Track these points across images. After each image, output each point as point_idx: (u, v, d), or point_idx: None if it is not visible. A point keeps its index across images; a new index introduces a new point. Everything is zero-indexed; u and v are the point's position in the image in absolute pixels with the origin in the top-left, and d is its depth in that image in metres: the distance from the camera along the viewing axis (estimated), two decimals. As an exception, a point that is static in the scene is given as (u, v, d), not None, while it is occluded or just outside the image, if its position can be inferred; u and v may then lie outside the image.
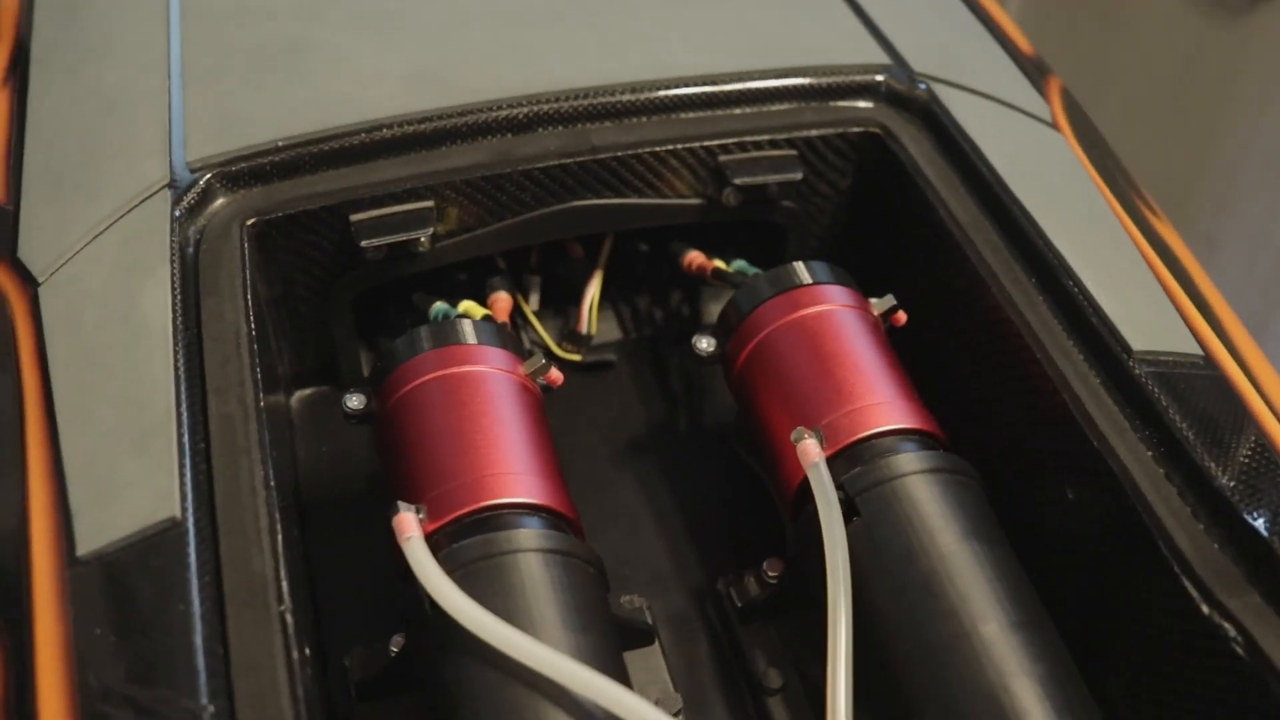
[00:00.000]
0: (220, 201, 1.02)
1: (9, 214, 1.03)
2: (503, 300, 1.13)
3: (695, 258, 1.16)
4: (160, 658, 0.74)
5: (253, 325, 0.93)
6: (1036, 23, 2.50)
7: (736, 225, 1.19)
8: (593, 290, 1.20)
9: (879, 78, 1.16)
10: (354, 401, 0.98)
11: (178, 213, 0.99)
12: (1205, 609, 0.80)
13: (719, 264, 1.14)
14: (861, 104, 1.16)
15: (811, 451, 0.90)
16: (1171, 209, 1.22)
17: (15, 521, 0.83)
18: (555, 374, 0.99)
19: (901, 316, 1.04)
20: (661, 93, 1.13)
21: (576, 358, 1.22)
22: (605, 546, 0.96)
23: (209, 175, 1.02)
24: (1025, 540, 0.92)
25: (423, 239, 1.06)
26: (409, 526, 0.84)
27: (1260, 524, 0.82)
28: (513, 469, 0.89)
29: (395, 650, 0.89)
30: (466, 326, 0.99)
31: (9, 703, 0.75)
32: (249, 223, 1.01)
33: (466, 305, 1.07)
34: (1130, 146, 1.37)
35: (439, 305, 1.07)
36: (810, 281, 1.02)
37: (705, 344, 1.04)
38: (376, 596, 0.98)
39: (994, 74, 1.23)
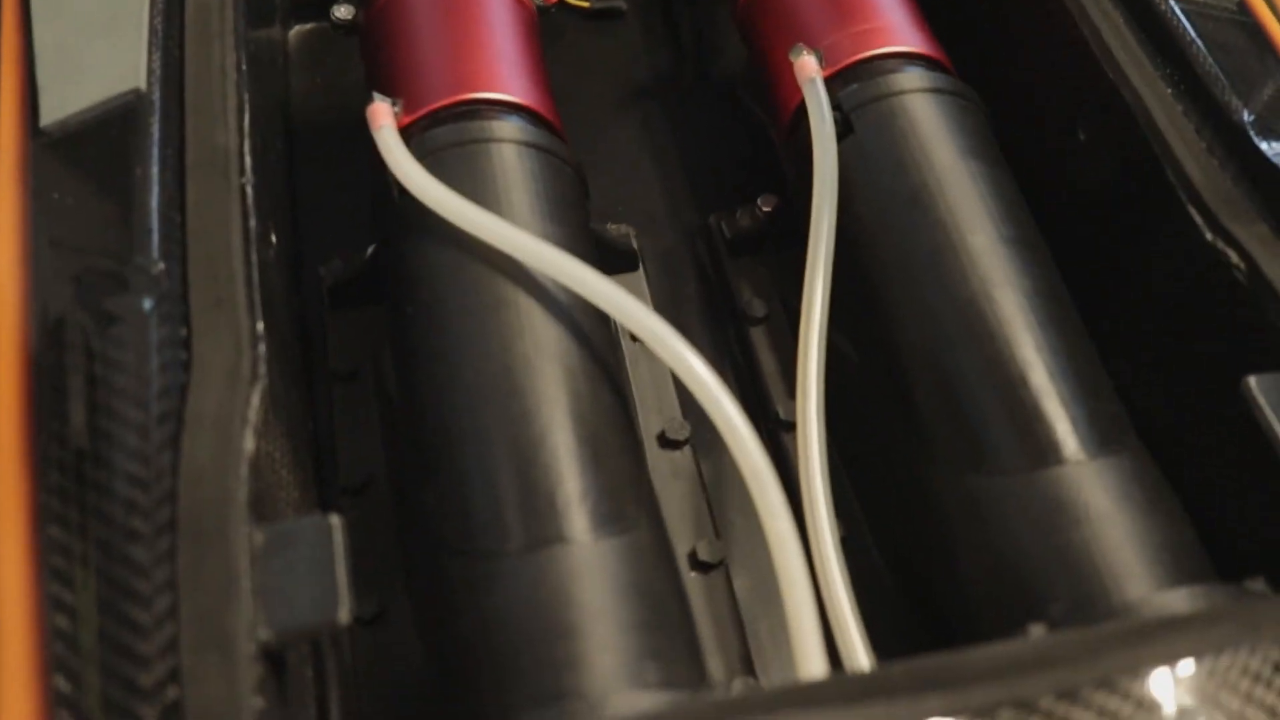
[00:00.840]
0: None
1: None
2: (507, -70, 1.08)
3: (712, -104, 1.11)
4: (115, 221, 0.72)
5: None
6: None
7: None
8: (606, -67, 1.15)
9: None
10: (342, 11, 0.95)
11: None
12: (1209, 236, 0.76)
13: (736, -98, 1.08)
14: None
15: (809, 66, 0.85)
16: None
17: None
18: (550, -12, 0.95)
19: (922, -42, 0.98)
20: None
21: (585, 3, 1.17)
22: (599, 185, 0.93)
23: None
24: (1031, 185, 0.88)
25: None
26: (382, 115, 0.81)
27: (1278, 157, 0.78)
28: (495, 67, 0.86)
29: (369, 257, 0.87)
30: (461, -67, 0.94)
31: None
32: None
33: (471, -71, 1.02)
34: None
35: (440, -71, 1.02)
36: (822, -94, 0.96)
37: (712, -26, 0.99)
38: (362, 219, 0.96)
39: None
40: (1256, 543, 0.73)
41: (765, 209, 0.95)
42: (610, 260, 0.92)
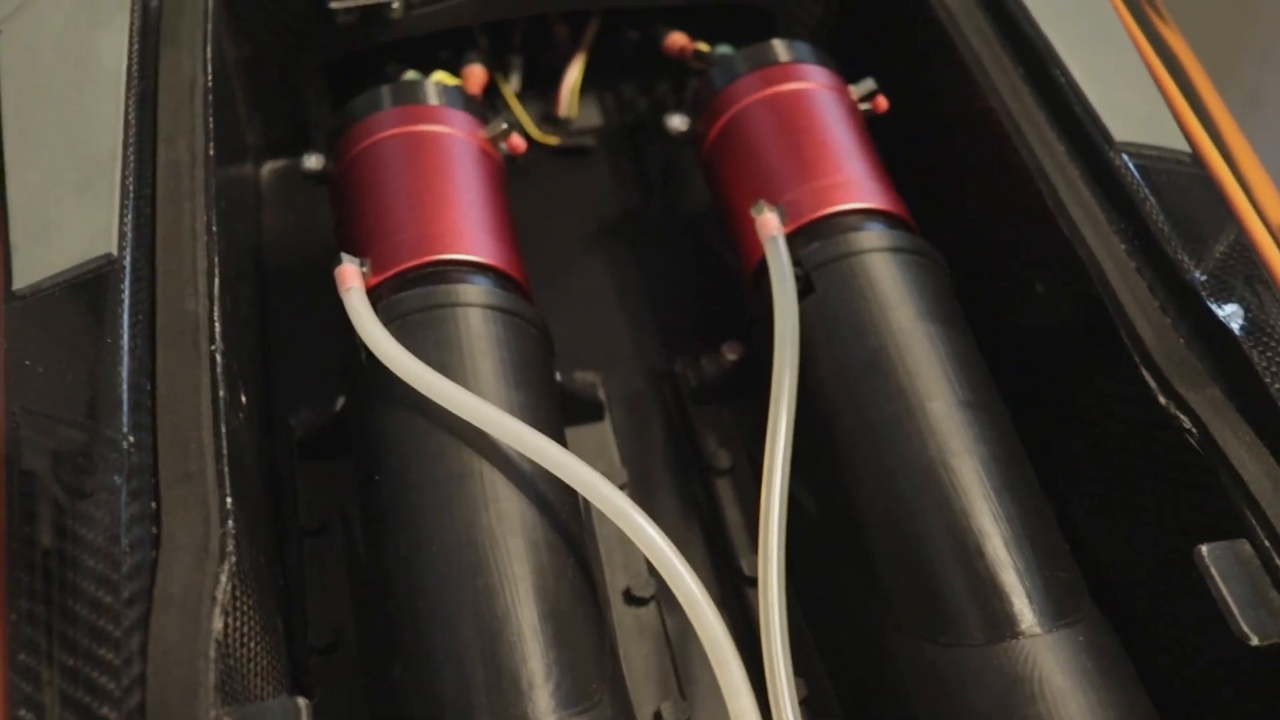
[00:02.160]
0: (185, -47, 0.99)
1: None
2: (476, 73, 1.10)
3: (678, 39, 1.12)
4: (86, 390, 0.73)
5: (210, 78, 0.90)
6: None
7: (726, 13, 1.15)
8: (574, 72, 1.17)
9: None
10: (312, 161, 0.96)
11: (141, -38, 0.96)
12: (1163, 400, 0.77)
13: (701, 46, 1.10)
14: None
15: (770, 224, 0.87)
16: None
17: None
18: (517, 140, 0.96)
19: (882, 102, 1.00)
20: None
21: (554, 141, 1.19)
22: (565, 325, 0.94)
23: None
24: (990, 334, 0.90)
25: (395, 2, 1.02)
26: (350, 278, 0.83)
27: (1229, 318, 0.79)
28: (461, 227, 0.87)
29: (338, 410, 0.88)
30: (428, 87, 0.96)
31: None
32: None
33: (439, 75, 1.04)
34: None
35: (411, 74, 1.04)
36: (787, 60, 0.98)
37: (677, 121, 1.01)
38: (332, 361, 0.96)
39: None
40: (1210, 708, 0.74)
41: (731, 357, 0.96)
42: (577, 411, 0.94)
